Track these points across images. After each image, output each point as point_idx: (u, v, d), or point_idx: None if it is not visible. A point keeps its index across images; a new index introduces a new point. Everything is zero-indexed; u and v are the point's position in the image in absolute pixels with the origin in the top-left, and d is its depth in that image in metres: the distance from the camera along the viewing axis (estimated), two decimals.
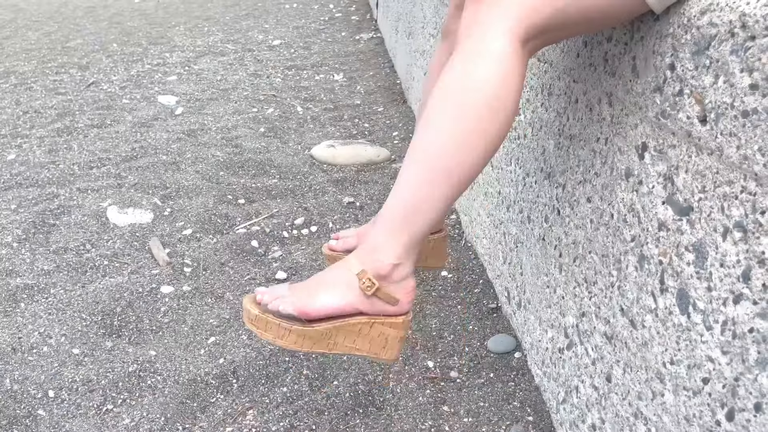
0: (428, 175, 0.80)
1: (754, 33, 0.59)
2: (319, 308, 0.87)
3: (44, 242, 1.84)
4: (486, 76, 0.77)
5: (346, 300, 0.87)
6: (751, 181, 0.60)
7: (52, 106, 3.28)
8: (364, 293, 0.86)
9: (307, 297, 0.88)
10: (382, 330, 0.89)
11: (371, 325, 0.89)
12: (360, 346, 0.90)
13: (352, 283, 0.87)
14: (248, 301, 0.91)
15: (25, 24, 6.26)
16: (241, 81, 3.77)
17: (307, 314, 0.87)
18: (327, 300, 0.87)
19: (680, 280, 0.71)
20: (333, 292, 0.88)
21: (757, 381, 0.59)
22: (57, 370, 1.30)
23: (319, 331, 0.88)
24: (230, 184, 2.24)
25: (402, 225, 0.83)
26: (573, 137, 1.04)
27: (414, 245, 0.85)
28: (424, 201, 0.81)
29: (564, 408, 1.07)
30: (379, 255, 0.85)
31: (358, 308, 0.88)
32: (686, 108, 0.70)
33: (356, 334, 0.89)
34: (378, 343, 0.90)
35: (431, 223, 0.83)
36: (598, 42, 0.94)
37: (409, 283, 0.88)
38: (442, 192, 0.80)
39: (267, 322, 0.88)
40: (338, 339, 0.89)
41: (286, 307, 0.88)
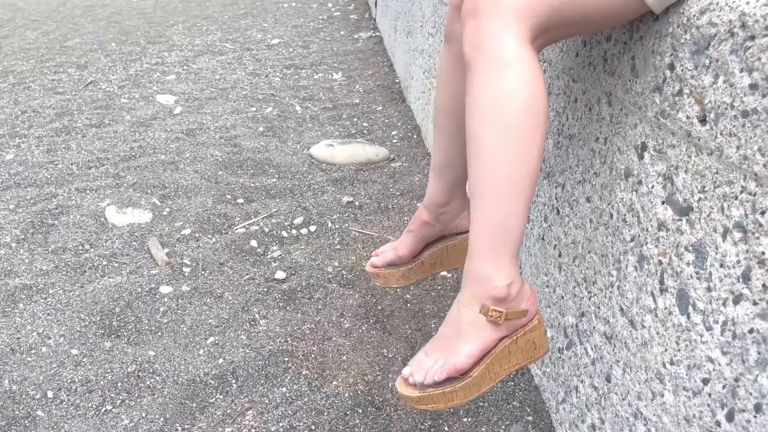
0: (500, 194, 0.83)
1: (754, 33, 0.59)
2: (467, 359, 0.91)
3: (43, 242, 1.83)
4: (513, 84, 0.79)
5: (485, 339, 0.90)
6: (751, 181, 0.59)
7: (51, 106, 3.27)
8: (496, 324, 0.89)
9: (450, 355, 0.91)
10: (527, 338, 0.93)
11: (516, 341, 0.93)
12: (515, 361, 0.94)
13: (479, 322, 0.89)
14: (403, 387, 0.95)
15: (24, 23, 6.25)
16: (240, 80, 3.77)
17: (459, 371, 0.91)
18: (468, 349, 0.91)
19: (680, 281, 0.71)
20: (469, 339, 0.90)
21: (757, 381, 0.59)
22: (56, 371, 1.30)
23: (479, 375, 0.92)
24: (229, 183, 2.23)
25: (499, 247, 0.85)
26: (572, 137, 1.04)
27: (515, 260, 0.87)
28: (508, 218, 0.83)
29: (563, 408, 1.07)
30: (492, 283, 0.87)
31: (497, 338, 0.91)
32: (686, 108, 0.70)
33: (508, 355, 0.93)
34: (529, 349, 0.94)
35: (521, 232, 0.85)
36: (597, 41, 0.94)
37: (525, 291, 0.91)
38: (519, 203, 0.83)
39: (432, 396, 0.92)
40: (496, 368, 0.93)
41: (440, 375, 0.91)
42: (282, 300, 1.54)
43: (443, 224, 1.11)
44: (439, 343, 0.94)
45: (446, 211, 1.09)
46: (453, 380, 0.92)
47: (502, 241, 0.85)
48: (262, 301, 1.53)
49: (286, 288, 1.59)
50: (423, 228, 1.12)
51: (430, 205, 1.09)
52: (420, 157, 2.46)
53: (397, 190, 2.17)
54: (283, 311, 1.49)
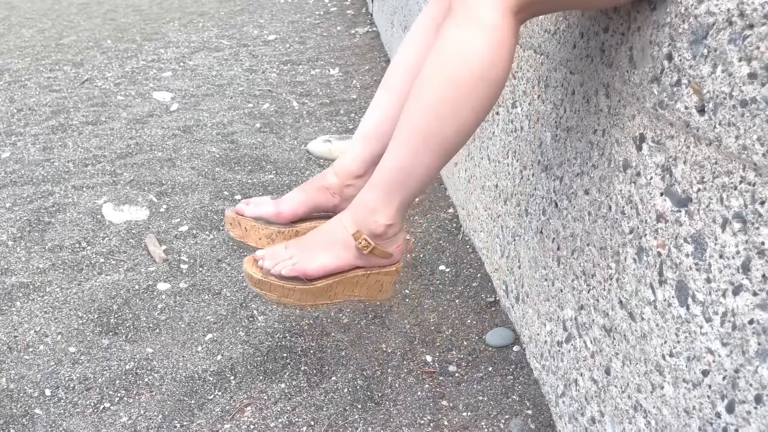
0: (420, 143, 0.83)
1: (753, 21, 0.58)
2: (318, 268, 0.94)
3: (39, 240, 1.83)
4: (479, 47, 0.78)
5: (344, 259, 0.94)
6: (750, 172, 0.59)
7: (47, 104, 3.26)
8: (360, 252, 0.92)
9: (306, 259, 0.94)
10: (377, 278, 0.98)
11: (368, 276, 0.97)
12: (358, 293, 0.99)
13: (348, 242, 0.93)
14: (249, 265, 0.97)
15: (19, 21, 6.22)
16: (237, 76, 3.76)
17: (308, 275, 0.94)
18: (325, 260, 0.94)
19: (679, 272, 0.71)
20: (330, 253, 0.94)
21: (757, 372, 0.58)
22: (53, 369, 1.29)
23: (321, 287, 0.96)
24: (226, 180, 2.22)
25: (395, 189, 0.87)
26: (570, 129, 1.04)
27: (405, 207, 0.91)
28: (415, 167, 0.85)
29: (563, 401, 1.07)
30: (374, 217, 0.90)
31: (355, 264, 0.95)
32: (684, 98, 0.69)
33: (354, 284, 0.97)
34: (374, 288, 0.99)
35: (422, 187, 0.88)
36: (594, 33, 0.94)
37: (399, 238, 0.96)
38: (433, 159, 0.84)
39: (271, 284, 0.95)
40: (338, 290, 0.97)
41: (288, 271, 0.94)
42: None
43: (343, 198, 1.06)
44: (301, 244, 0.97)
45: (354, 184, 1.04)
46: (297, 281, 0.95)
47: (400, 185, 0.87)
48: (261, 297, 1.53)
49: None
50: (319, 194, 1.06)
51: (341, 172, 1.05)
52: None
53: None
54: (281, 307, 1.49)
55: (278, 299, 0.96)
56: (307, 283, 0.95)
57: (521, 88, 1.31)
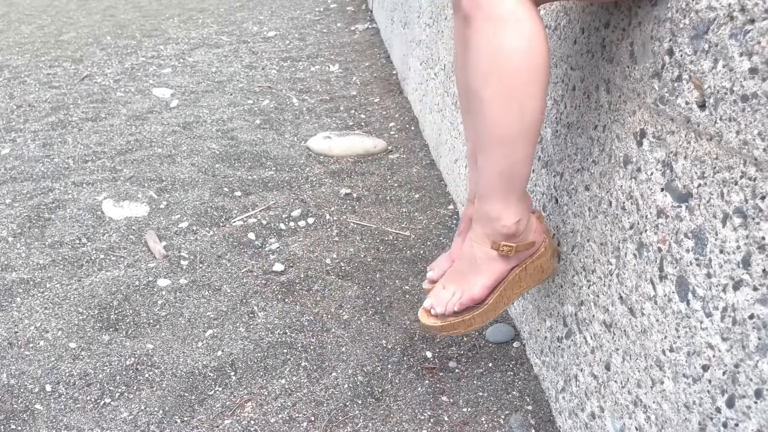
0: (504, 147, 0.86)
1: (754, 16, 0.58)
2: (481, 290, 1.00)
3: (40, 236, 1.83)
4: (511, 41, 0.79)
5: (497, 270, 1.00)
6: (750, 167, 0.59)
7: (46, 100, 3.26)
8: (507, 257, 0.98)
9: (467, 288, 1.01)
10: (535, 265, 1.02)
11: (525, 269, 1.01)
12: (525, 285, 1.03)
13: (491, 256, 0.98)
14: (425, 317, 1.06)
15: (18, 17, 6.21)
16: (236, 73, 3.75)
17: (476, 300, 1.01)
18: (483, 281, 1.00)
19: (679, 267, 0.71)
20: (482, 272, 0.99)
21: (757, 367, 0.58)
22: (54, 365, 1.29)
23: (494, 302, 1.01)
24: (226, 176, 2.22)
25: (505, 191, 0.91)
26: (571, 125, 1.04)
27: (522, 198, 0.93)
28: (512, 166, 0.88)
29: (563, 397, 1.07)
30: (501, 223, 0.93)
31: (509, 268, 1.00)
32: (685, 93, 0.69)
33: (518, 281, 1.02)
34: (537, 273, 1.03)
35: (527, 175, 0.90)
36: (595, 28, 0.94)
37: (532, 224, 0.99)
38: (522, 152, 0.87)
39: (452, 324, 1.03)
40: (508, 294, 1.02)
41: (459, 306, 1.01)
42: (280, 292, 1.54)
43: None
44: (455, 277, 1.03)
45: None
46: (470, 309, 1.02)
47: (508, 186, 0.90)
48: (261, 294, 1.53)
49: (285, 280, 1.58)
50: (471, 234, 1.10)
51: (474, 198, 1.08)
52: (418, 149, 2.45)
53: (395, 182, 2.16)
54: (281, 303, 1.49)
55: (466, 331, 1.03)
56: (480, 306, 1.02)
57: None
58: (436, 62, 2.22)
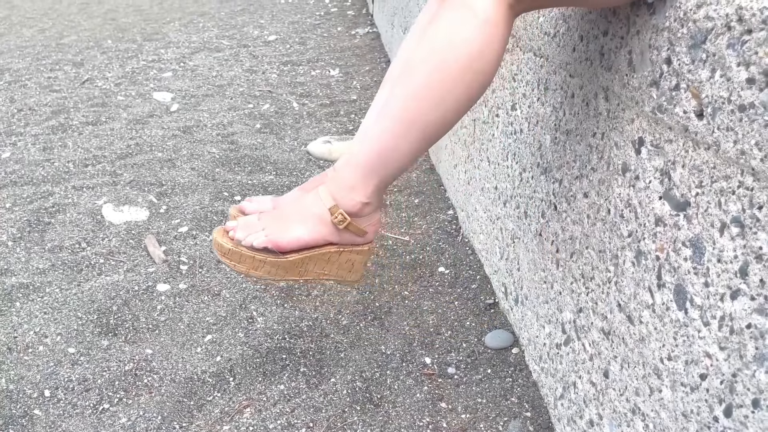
0: (401, 127, 0.83)
1: (751, 26, 0.58)
2: (291, 241, 0.93)
3: (39, 241, 1.83)
4: (469, 35, 0.78)
5: (318, 233, 0.93)
6: (748, 176, 0.59)
7: (47, 104, 3.26)
8: (335, 227, 0.92)
9: (280, 231, 0.93)
10: (349, 257, 0.97)
11: (340, 253, 0.96)
12: (328, 271, 0.97)
13: (323, 217, 0.92)
14: (220, 235, 0.95)
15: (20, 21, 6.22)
16: (237, 77, 3.76)
17: (280, 247, 0.93)
18: (299, 233, 0.93)
19: (677, 276, 0.71)
20: (305, 226, 0.93)
21: (755, 377, 0.58)
22: (53, 370, 1.29)
23: (292, 262, 0.93)
24: (226, 180, 2.23)
25: (374, 169, 0.88)
26: (569, 132, 1.04)
27: (383, 188, 0.91)
28: (395, 151, 0.85)
29: (562, 404, 1.07)
30: (351, 194, 0.90)
31: (329, 240, 0.94)
32: (683, 102, 0.69)
33: (326, 261, 0.96)
34: (345, 268, 0.98)
35: (401, 170, 0.88)
36: (594, 36, 0.94)
37: (374, 217, 0.95)
38: (413, 145, 0.84)
39: (241, 255, 0.92)
40: (309, 267, 0.95)
41: (259, 242, 0.92)
42: (279, 297, 1.54)
43: None
44: (275, 217, 0.96)
45: None
46: (268, 252, 0.93)
47: (380, 166, 0.87)
48: (260, 299, 1.53)
49: (284, 285, 1.58)
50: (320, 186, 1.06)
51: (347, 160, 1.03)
52: None
53: (394, 186, 2.17)
54: (280, 308, 1.49)
55: (247, 271, 0.93)
56: (279, 256, 0.93)
57: (521, 90, 1.31)
58: None
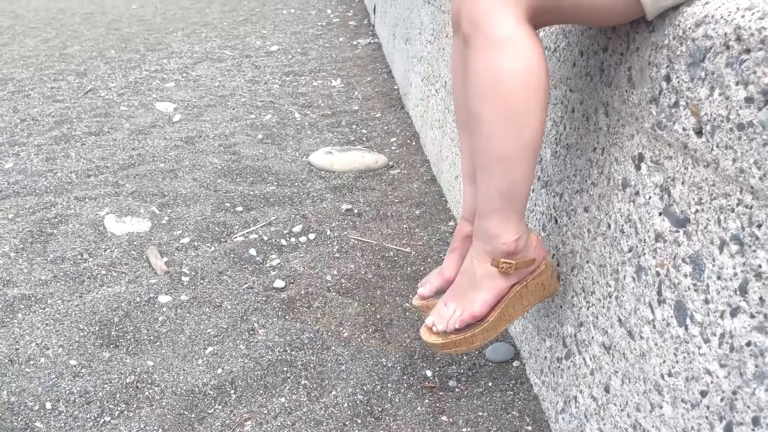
0: (502, 167, 0.87)
1: (749, 46, 0.59)
2: (481, 307, 1.00)
3: (42, 252, 1.83)
4: (509, 64, 0.80)
5: (497, 287, 0.99)
6: (747, 194, 0.59)
7: (50, 114, 3.28)
8: (507, 274, 0.98)
9: (467, 304, 1.01)
10: (536, 282, 1.02)
11: (526, 286, 1.01)
12: (527, 302, 1.03)
13: (491, 273, 0.98)
14: (428, 335, 1.06)
15: (23, 31, 6.26)
16: (239, 87, 3.77)
17: (476, 317, 1.01)
18: (483, 298, 1.00)
19: (677, 292, 0.71)
20: (483, 289, 0.99)
21: (755, 395, 0.58)
22: (54, 382, 1.29)
23: (495, 319, 1.01)
24: (228, 191, 2.23)
25: (505, 209, 0.91)
26: (570, 146, 1.04)
27: (521, 217, 0.94)
28: (511, 186, 0.88)
29: (563, 418, 1.07)
30: (501, 240, 0.93)
31: (509, 285, 1.00)
32: (682, 120, 0.70)
33: (520, 298, 1.02)
34: (539, 290, 1.03)
35: (527, 194, 0.91)
36: (594, 52, 0.94)
37: (532, 241, 0.98)
38: (521, 172, 0.87)
39: (454, 342, 1.03)
40: (509, 311, 1.02)
41: (460, 324, 1.02)
42: (281, 309, 1.54)
43: None
44: (456, 294, 1.03)
45: None
46: (472, 326, 1.02)
47: (508, 204, 0.90)
48: (261, 310, 1.53)
49: (285, 297, 1.58)
50: (467, 243, 1.09)
51: (469, 215, 1.08)
52: (419, 164, 2.46)
53: (396, 198, 2.17)
54: (281, 320, 1.49)
55: (468, 348, 1.03)
56: (481, 323, 1.01)
57: None
58: (437, 79, 2.24)
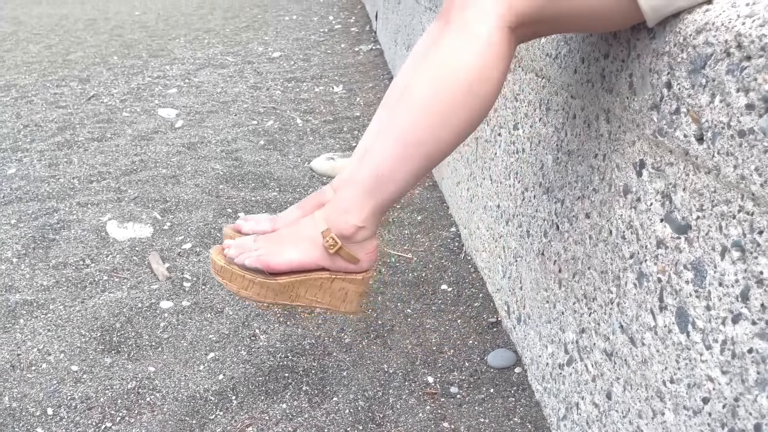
0: (402, 149, 0.83)
1: (750, 53, 0.59)
2: (282, 263, 0.92)
3: (44, 257, 1.84)
4: (470, 59, 0.78)
5: (310, 256, 0.92)
6: (748, 201, 0.59)
7: (53, 120, 3.29)
8: (327, 251, 0.91)
9: (272, 252, 0.92)
10: (342, 285, 0.95)
11: (332, 280, 0.94)
12: (321, 299, 0.96)
13: (316, 240, 0.91)
14: (215, 252, 0.96)
15: (26, 37, 6.29)
16: (241, 93, 3.79)
17: (271, 268, 0.92)
18: (291, 255, 0.92)
19: (679, 299, 0.71)
20: (297, 248, 0.92)
21: (756, 402, 0.58)
22: (56, 388, 1.29)
23: (282, 284, 0.93)
24: (230, 197, 2.24)
25: (371, 192, 0.86)
26: (571, 153, 1.04)
27: (379, 212, 0.89)
28: (394, 173, 0.84)
29: (565, 424, 1.07)
30: (346, 217, 0.88)
31: (321, 264, 0.93)
32: (683, 126, 0.70)
33: (318, 287, 0.94)
34: (338, 297, 0.96)
35: (399, 194, 0.86)
36: (595, 58, 0.95)
37: (370, 244, 0.93)
38: (412, 167, 0.83)
39: (232, 273, 0.93)
40: (300, 291, 0.94)
41: (251, 261, 0.92)
42: (282, 315, 1.54)
43: None
44: (271, 237, 0.96)
45: None
46: (259, 273, 0.93)
47: (377, 188, 0.86)
48: (263, 316, 1.53)
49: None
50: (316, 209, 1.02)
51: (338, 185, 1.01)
52: None
53: (396, 203, 2.17)
54: (283, 326, 1.49)
55: (237, 290, 0.94)
56: (269, 277, 0.93)
57: (522, 110, 1.32)
58: None
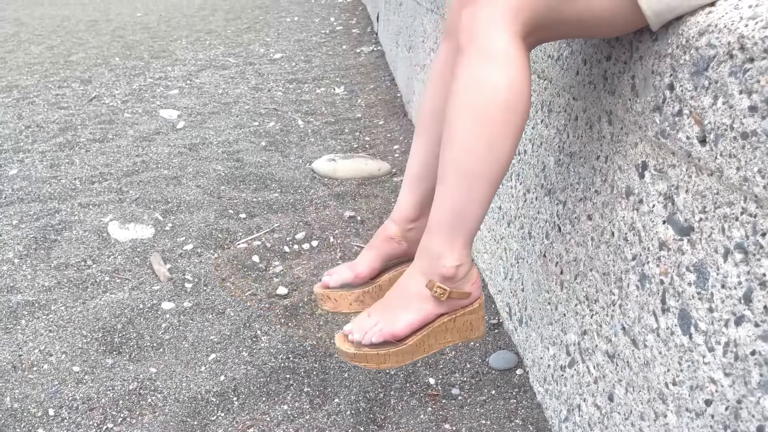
0: (465, 181, 0.85)
1: (753, 55, 0.59)
2: (404, 328, 0.95)
3: (45, 258, 1.84)
4: (497, 79, 0.80)
5: (426, 311, 0.95)
6: (751, 203, 0.59)
7: (55, 121, 3.29)
8: (438, 299, 0.93)
9: (390, 321, 0.95)
10: (464, 319, 0.98)
11: (454, 320, 0.97)
12: (451, 338, 0.99)
13: (423, 294, 0.93)
14: (341, 342, 1.00)
15: (28, 38, 6.29)
16: (243, 95, 3.79)
17: (396, 336, 0.95)
18: (408, 318, 0.95)
19: (682, 300, 0.71)
20: (411, 309, 0.95)
21: (759, 404, 0.58)
22: (57, 388, 1.29)
23: (413, 345, 0.96)
24: (231, 198, 2.24)
25: (454, 230, 0.89)
26: (573, 154, 1.04)
27: (468, 244, 0.91)
28: (468, 204, 0.86)
29: (566, 426, 1.07)
30: (442, 261, 0.90)
31: (438, 312, 0.95)
32: (686, 128, 0.70)
33: (444, 332, 0.98)
34: (465, 330, 0.99)
35: (479, 220, 0.89)
36: (597, 60, 0.95)
37: (473, 274, 0.95)
38: (481, 193, 0.86)
39: (366, 355, 0.97)
40: (430, 342, 0.98)
41: (377, 338, 0.95)
42: (284, 316, 1.54)
43: (410, 243, 1.06)
44: (382, 307, 0.98)
45: (415, 227, 1.06)
46: (389, 344, 0.96)
47: (458, 225, 0.88)
48: (264, 317, 1.53)
49: (288, 304, 1.58)
50: (387, 245, 1.07)
51: (399, 219, 1.06)
52: None
53: None
54: (284, 327, 1.49)
55: (378, 366, 0.97)
56: (399, 344, 0.96)
57: None
58: None
